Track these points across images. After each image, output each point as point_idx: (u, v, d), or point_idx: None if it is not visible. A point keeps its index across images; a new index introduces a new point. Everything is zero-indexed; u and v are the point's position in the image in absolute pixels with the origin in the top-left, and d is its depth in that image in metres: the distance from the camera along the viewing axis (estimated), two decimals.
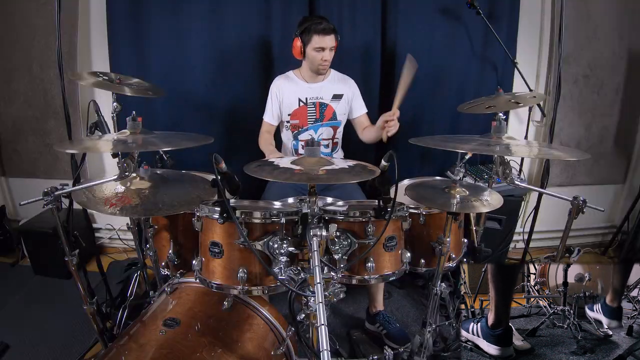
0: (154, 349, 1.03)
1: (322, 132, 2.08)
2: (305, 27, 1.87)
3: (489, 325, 1.39)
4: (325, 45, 1.87)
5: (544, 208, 2.05)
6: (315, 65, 1.95)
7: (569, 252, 2.15)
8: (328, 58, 1.91)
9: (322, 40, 1.86)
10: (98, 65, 2.40)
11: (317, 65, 1.95)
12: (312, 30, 1.85)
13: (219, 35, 2.26)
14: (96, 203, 1.19)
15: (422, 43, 2.30)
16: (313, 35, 1.86)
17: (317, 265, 0.93)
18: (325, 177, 1.12)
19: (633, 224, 2.52)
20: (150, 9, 2.21)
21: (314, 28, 1.85)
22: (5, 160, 2.67)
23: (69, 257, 1.29)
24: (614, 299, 1.36)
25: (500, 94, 1.70)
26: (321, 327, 0.79)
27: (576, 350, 1.31)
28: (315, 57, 1.91)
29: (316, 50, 1.89)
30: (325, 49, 1.89)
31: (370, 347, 1.77)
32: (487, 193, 1.38)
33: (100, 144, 1.20)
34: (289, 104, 2.04)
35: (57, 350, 1.79)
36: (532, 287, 1.43)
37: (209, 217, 1.12)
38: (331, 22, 1.91)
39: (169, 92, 1.87)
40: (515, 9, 2.32)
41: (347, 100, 2.07)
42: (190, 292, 1.29)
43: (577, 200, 1.33)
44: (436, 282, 1.42)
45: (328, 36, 1.86)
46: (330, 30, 1.86)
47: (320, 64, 1.93)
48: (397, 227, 1.25)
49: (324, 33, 1.85)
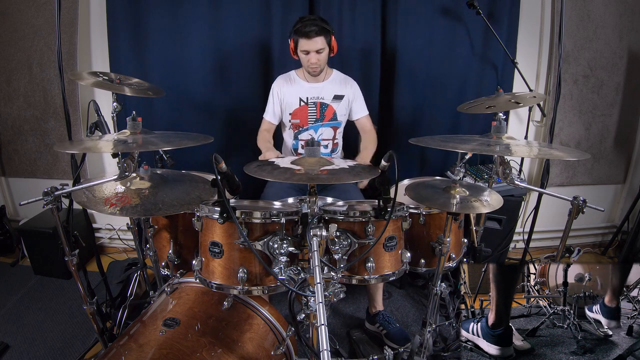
0: (154, 349, 1.03)
1: (323, 132, 2.08)
2: (295, 28, 1.85)
3: (489, 325, 1.39)
4: (309, 48, 1.84)
5: (544, 208, 2.05)
6: (305, 68, 1.95)
7: (569, 252, 2.15)
8: (314, 61, 1.88)
9: (307, 43, 1.83)
10: (98, 65, 2.40)
11: (306, 68, 1.94)
12: (298, 32, 1.83)
13: (219, 35, 2.26)
14: (96, 203, 1.19)
15: (422, 43, 2.30)
16: (299, 37, 1.84)
17: (317, 265, 0.93)
18: (325, 177, 1.12)
19: (633, 224, 2.52)
20: (150, 9, 2.21)
21: (299, 30, 1.82)
22: (5, 160, 2.67)
23: (69, 257, 1.29)
24: (612, 299, 1.36)
25: (500, 94, 1.70)
26: (321, 327, 0.79)
27: (576, 350, 1.31)
28: (303, 60, 1.91)
29: (303, 53, 1.88)
30: (310, 52, 1.86)
31: (370, 347, 1.77)
32: (487, 193, 1.38)
33: (100, 144, 1.20)
34: (290, 104, 2.04)
35: (57, 350, 1.79)
36: (532, 287, 1.43)
37: (209, 217, 1.12)
38: (330, 22, 1.90)
39: (169, 92, 1.87)
40: (515, 9, 2.32)
41: (347, 101, 2.07)
42: (190, 292, 1.29)
43: (577, 200, 1.33)
44: (436, 282, 1.42)
45: (312, 39, 1.82)
46: (315, 33, 1.80)
47: (308, 66, 1.92)
48: (397, 227, 1.25)
49: (307, 37, 1.81)
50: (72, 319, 2.00)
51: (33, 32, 2.36)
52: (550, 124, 1.90)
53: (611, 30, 2.41)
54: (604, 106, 2.53)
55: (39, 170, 2.60)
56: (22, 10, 2.35)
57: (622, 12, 2.40)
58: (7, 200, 2.80)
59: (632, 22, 2.42)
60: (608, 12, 2.38)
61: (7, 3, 2.35)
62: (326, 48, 1.88)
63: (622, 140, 2.64)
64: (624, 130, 2.62)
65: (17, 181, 2.75)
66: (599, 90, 2.50)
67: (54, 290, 2.28)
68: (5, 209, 2.72)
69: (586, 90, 2.48)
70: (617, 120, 2.58)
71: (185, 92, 2.33)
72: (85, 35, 2.37)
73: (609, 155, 2.64)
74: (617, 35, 2.42)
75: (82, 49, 2.36)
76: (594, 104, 2.52)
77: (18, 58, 2.42)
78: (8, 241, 2.67)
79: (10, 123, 2.55)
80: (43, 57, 2.39)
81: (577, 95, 2.48)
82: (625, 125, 2.61)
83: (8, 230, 2.68)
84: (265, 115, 2.09)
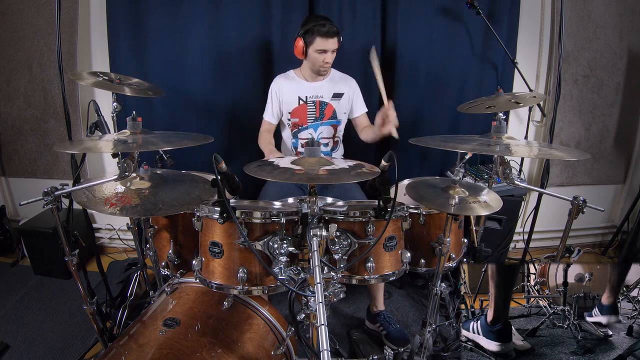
0: (154, 349, 1.03)
1: (322, 130, 2.08)
2: (308, 27, 1.85)
3: (488, 322, 1.39)
4: (328, 47, 1.86)
5: (544, 208, 2.05)
6: (317, 67, 1.95)
7: (569, 252, 2.15)
8: (329, 60, 1.91)
9: (326, 42, 1.85)
10: (98, 65, 2.40)
11: (318, 67, 1.94)
12: (315, 32, 1.84)
13: (219, 35, 2.26)
14: (96, 203, 1.19)
15: (422, 43, 2.30)
16: (316, 37, 1.84)
17: (317, 265, 0.93)
18: (325, 177, 1.12)
19: (633, 224, 2.52)
20: (150, 9, 2.20)
21: (318, 30, 1.83)
22: (5, 160, 2.67)
23: (69, 257, 1.29)
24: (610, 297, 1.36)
25: (500, 94, 1.70)
26: (321, 327, 0.79)
27: (576, 350, 1.31)
28: (317, 59, 1.91)
29: (318, 52, 1.88)
30: (327, 52, 1.88)
31: (370, 347, 1.77)
32: (487, 193, 1.38)
33: (100, 144, 1.20)
34: (289, 103, 2.04)
35: (57, 350, 1.79)
36: (532, 287, 1.43)
37: (209, 217, 1.12)
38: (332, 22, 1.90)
39: (169, 92, 1.86)
40: (515, 9, 2.32)
41: (347, 99, 2.07)
42: (190, 292, 1.29)
43: (577, 200, 1.33)
44: (436, 282, 1.42)
45: (331, 39, 1.84)
46: (334, 33, 1.84)
47: (321, 65, 1.93)
48: (397, 227, 1.25)
49: (327, 36, 1.83)
50: (72, 319, 2.00)
51: (33, 32, 2.36)
52: (550, 124, 1.91)
53: (611, 30, 2.41)
54: (604, 106, 2.53)
55: (39, 170, 2.60)
56: (22, 10, 2.35)
57: (622, 12, 2.40)
58: (7, 200, 2.80)
59: (632, 22, 2.42)
60: (608, 12, 2.38)
61: (7, 3, 2.35)
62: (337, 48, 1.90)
63: (622, 140, 2.64)
64: (624, 130, 2.62)
65: (17, 181, 2.75)
66: (599, 90, 2.50)
67: (54, 290, 2.28)
68: (5, 209, 2.72)
69: (586, 90, 2.48)
70: (617, 120, 2.58)
71: (185, 92, 2.33)
72: (85, 35, 2.37)
73: (609, 155, 2.64)
74: (617, 35, 2.42)
75: (82, 49, 2.36)
76: (594, 104, 2.52)
77: (18, 58, 2.42)
78: (8, 241, 2.68)
79: (10, 123, 2.55)
80: (43, 57, 2.39)
81: (577, 95, 2.48)
82: (625, 125, 2.61)
83: (8, 230, 2.68)
84: (264, 116, 2.09)
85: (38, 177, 2.62)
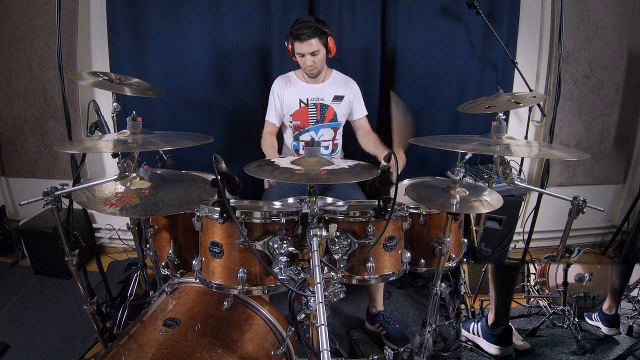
0: (154, 349, 1.03)
1: (323, 133, 2.07)
2: (290, 31, 1.84)
3: (488, 325, 1.39)
4: (303, 51, 1.83)
5: (544, 208, 2.05)
6: (303, 69, 1.94)
7: (569, 252, 2.15)
8: (310, 63, 1.86)
9: (300, 46, 1.82)
10: (98, 65, 2.40)
11: (303, 70, 1.94)
12: (292, 35, 1.82)
13: (219, 35, 2.26)
14: (96, 203, 1.19)
15: (422, 43, 2.30)
16: (294, 40, 1.83)
17: (317, 265, 0.93)
18: (325, 177, 1.11)
19: (633, 224, 2.52)
20: (150, 9, 2.20)
21: (293, 34, 1.81)
22: (5, 160, 2.67)
23: (69, 257, 1.29)
24: (612, 306, 1.36)
25: (500, 94, 1.70)
26: (321, 327, 0.79)
27: (576, 350, 1.31)
28: (300, 62, 1.90)
29: (299, 55, 1.87)
30: (305, 55, 1.84)
31: (370, 347, 1.77)
32: (487, 193, 1.38)
33: (100, 144, 1.20)
34: (290, 105, 2.03)
35: (57, 350, 1.79)
36: (532, 287, 1.43)
37: (209, 217, 1.12)
38: (330, 22, 1.89)
39: (169, 92, 1.87)
40: (515, 9, 2.32)
41: (348, 101, 2.06)
42: (190, 292, 1.29)
43: (577, 200, 1.33)
44: (436, 282, 1.42)
45: (305, 42, 1.80)
46: (308, 36, 1.78)
47: (305, 68, 1.91)
48: (397, 227, 1.25)
49: (300, 39, 1.80)
50: (72, 319, 2.00)
51: (33, 32, 2.36)
52: (550, 124, 1.91)
53: (611, 30, 2.41)
54: (604, 106, 2.53)
55: (39, 170, 2.60)
56: (22, 10, 2.35)
57: (622, 12, 2.40)
58: (7, 200, 2.80)
59: (632, 22, 2.42)
60: (608, 12, 2.38)
61: (7, 3, 2.35)
62: (322, 50, 1.85)
63: (622, 140, 2.64)
64: (624, 130, 2.62)
65: (17, 181, 2.75)
66: (599, 90, 2.50)
67: (54, 290, 2.28)
68: (5, 209, 2.72)
69: (586, 90, 2.48)
70: (617, 120, 2.58)
71: (185, 92, 2.33)
72: (85, 35, 2.37)
73: (609, 155, 2.64)
74: (617, 35, 2.42)
75: (82, 49, 2.36)
76: (594, 104, 2.52)
77: (18, 58, 2.42)
78: (8, 241, 2.67)
79: (10, 123, 2.55)
80: (43, 57, 2.39)
81: (577, 95, 2.48)
82: (625, 125, 2.61)
83: (8, 230, 2.68)
84: (267, 117, 2.08)
85: (38, 177, 2.62)
